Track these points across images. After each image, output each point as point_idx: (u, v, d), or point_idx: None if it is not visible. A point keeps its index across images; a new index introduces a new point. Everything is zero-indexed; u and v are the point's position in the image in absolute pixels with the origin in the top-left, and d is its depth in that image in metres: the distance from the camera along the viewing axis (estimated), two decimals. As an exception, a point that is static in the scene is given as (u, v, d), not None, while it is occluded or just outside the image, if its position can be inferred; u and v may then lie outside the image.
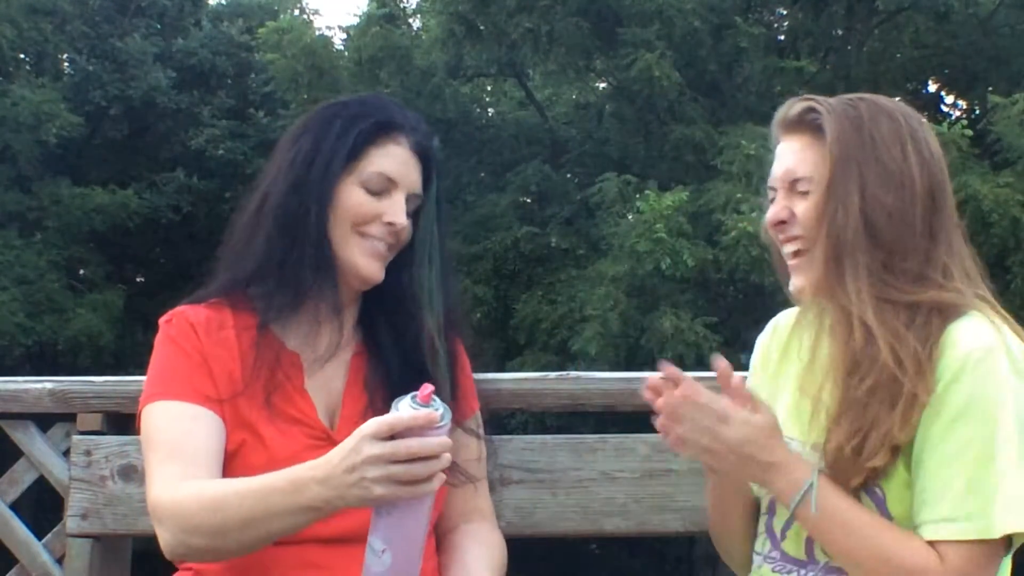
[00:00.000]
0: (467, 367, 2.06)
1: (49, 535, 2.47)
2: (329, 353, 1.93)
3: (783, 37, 19.37)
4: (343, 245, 1.91)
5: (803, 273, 1.85)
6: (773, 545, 1.89)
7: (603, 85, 20.27)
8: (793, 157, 1.86)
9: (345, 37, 20.98)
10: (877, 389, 1.73)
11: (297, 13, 23.01)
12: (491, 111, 22.45)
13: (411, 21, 21.89)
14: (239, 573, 1.83)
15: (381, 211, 1.90)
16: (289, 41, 18.79)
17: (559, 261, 18.36)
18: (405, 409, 1.61)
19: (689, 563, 19.86)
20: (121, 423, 2.40)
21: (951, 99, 20.90)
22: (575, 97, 21.50)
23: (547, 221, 18.90)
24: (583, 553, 21.86)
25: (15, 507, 2.52)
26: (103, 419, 2.42)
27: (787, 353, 1.97)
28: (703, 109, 17.56)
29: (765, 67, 17.46)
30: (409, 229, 1.95)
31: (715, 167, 15.99)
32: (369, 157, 1.91)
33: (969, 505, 1.69)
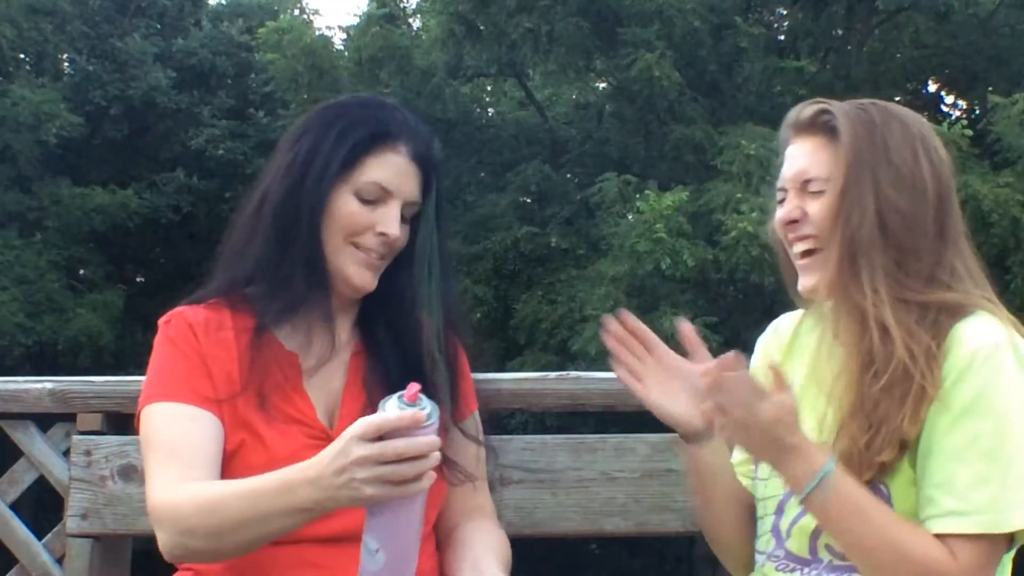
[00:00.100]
0: (466, 367, 2.06)
1: (49, 535, 2.48)
2: (323, 359, 1.94)
3: (783, 37, 19.37)
4: (336, 254, 1.91)
5: (815, 272, 1.86)
6: (778, 544, 1.89)
7: (603, 85, 20.28)
8: (805, 158, 1.87)
9: (345, 37, 21.00)
10: (891, 386, 1.74)
11: (297, 13, 23.04)
12: (491, 111, 22.45)
13: (411, 21, 21.91)
14: (238, 573, 1.84)
15: (374, 221, 1.90)
16: (289, 41, 18.80)
17: (559, 261, 18.35)
18: (392, 409, 1.61)
19: (689, 563, 19.84)
20: (121, 423, 2.41)
21: (951, 99, 20.94)
22: (575, 97, 21.51)
23: (547, 221, 18.91)
24: (583, 553, 21.87)
25: (15, 507, 2.52)
26: (103, 419, 2.43)
27: (791, 354, 1.98)
28: (703, 109, 17.56)
29: (765, 67, 17.47)
30: (404, 236, 1.95)
31: (715, 167, 16.00)
32: (365, 166, 1.90)
33: (977, 499, 1.69)
